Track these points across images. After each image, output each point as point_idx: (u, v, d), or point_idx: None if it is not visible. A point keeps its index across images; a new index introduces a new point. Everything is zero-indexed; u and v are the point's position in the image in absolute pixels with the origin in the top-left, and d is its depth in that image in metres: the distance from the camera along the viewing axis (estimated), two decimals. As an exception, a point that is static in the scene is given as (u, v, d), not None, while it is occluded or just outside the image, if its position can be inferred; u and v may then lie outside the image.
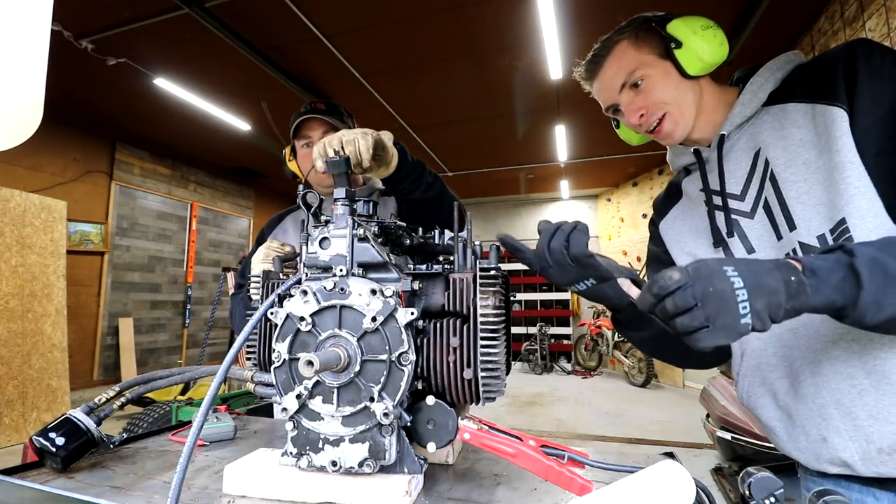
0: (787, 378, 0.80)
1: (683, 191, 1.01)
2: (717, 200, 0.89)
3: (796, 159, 0.77)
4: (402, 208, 1.19)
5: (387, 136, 1.00)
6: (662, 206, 1.06)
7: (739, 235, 0.86)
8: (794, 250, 0.77)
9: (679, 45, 0.86)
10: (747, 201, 0.85)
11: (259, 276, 0.85)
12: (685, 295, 0.52)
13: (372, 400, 0.67)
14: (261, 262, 1.20)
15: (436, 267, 0.80)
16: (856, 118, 0.71)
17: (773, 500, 0.57)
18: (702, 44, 0.85)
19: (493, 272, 0.72)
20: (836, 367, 0.73)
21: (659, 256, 1.04)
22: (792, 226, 0.78)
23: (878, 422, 0.69)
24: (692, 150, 0.94)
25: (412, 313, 0.68)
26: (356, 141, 0.90)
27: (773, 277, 0.55)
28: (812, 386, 0.76)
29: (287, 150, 1.52)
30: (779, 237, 0.80)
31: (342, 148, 0.88)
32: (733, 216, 0.87)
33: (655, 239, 1.06)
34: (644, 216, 8.09)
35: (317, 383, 0.69)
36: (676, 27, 0.87)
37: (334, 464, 0.68)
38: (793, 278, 0.55)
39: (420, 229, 0.92)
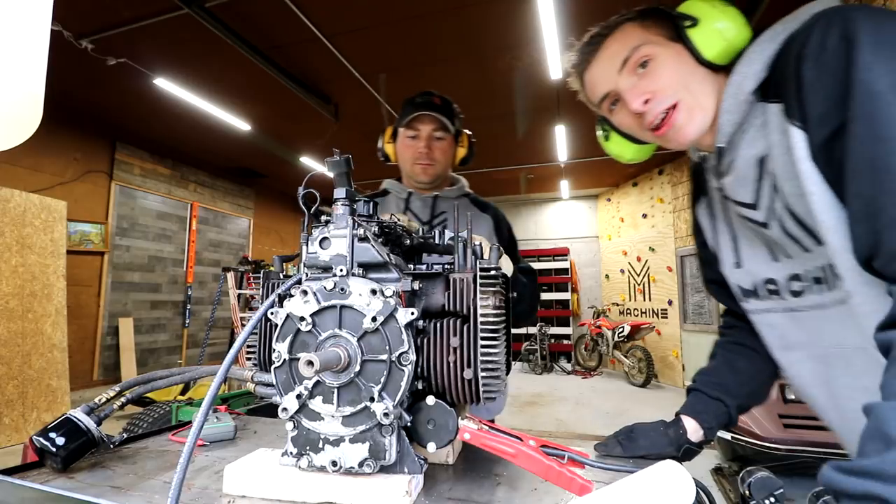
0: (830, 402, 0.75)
1: (707, 181, 0.87)
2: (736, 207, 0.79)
3: (792, 169, 0.64)
4: None
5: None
6: (694, 195, 0.95)
7: (769, 244, 0.76)
8: (830, 265, 0.66)
9: (695, 22, 0.71)
10: (762, 209, 0.73)
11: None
12: None
13: (372, 400, 0.67)
14: None
15: (436, 267, 0.80)
16: (811, 137, 0.59)
17: (773, 500, 0.57)
18: (724, 20, 0.69)
19: (493, 272, 0.72)
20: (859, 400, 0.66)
21: (706, 259, 0.95)
22: (817, 240, 0.65)
23: None
24: (698, 156, 0.83)
25: (412, 313, 0.68)
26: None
27: None
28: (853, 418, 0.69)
29: (388, 131, 1.52)
30: (804, 249, 0.69)
31: None
32: (752, 225, 0.76)
33: (697, 235, 0.96)
34: (644, 216, 8.09)
35: (317, 383, 0.69)
36: (691, 5, 0.73)
37: (334, 464, 0.68)
38: None
39: (420, 229, 0.92)
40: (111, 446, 0.87)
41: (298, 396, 0.69)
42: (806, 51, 0.59)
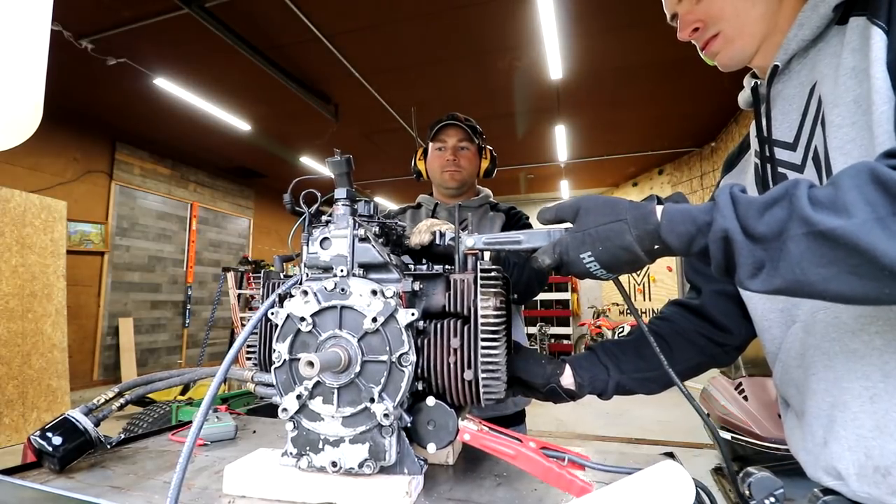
0: (801, 367, 0.68)
1: (751, 137, 0.82)
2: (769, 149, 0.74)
3: (845, 96, 0.59)
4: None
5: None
6: (732, 160, 0.90)
7: None
8: None
9: None
10: (799, 150, 0.67)
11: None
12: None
13: (372, 401, 0.67)
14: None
15: (437, 267, 0.80)
16: (891, 41, 0.54)
17: (772, 500, 0.57)
18: None
19: (493, 273, 0.72)
20: (851, 364, 0.60)
21: None
22: None
23: (882, 435, 0.57)
24: (752, 84, 0.76)
25: (413, 314, 0.68)
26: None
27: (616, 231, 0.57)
28: (823, 381, 0.64)
29: (419, 151, 1.70)
30: None
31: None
32: (783, 169, 0.70)
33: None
34: (644, 216, 8.08)
35: (317, 384, 0.69)
36: None
37: (334, 464, 0.67)
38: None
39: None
40: (108, 447, 0.87)
41: (298, 397, 0.69)
42: None
